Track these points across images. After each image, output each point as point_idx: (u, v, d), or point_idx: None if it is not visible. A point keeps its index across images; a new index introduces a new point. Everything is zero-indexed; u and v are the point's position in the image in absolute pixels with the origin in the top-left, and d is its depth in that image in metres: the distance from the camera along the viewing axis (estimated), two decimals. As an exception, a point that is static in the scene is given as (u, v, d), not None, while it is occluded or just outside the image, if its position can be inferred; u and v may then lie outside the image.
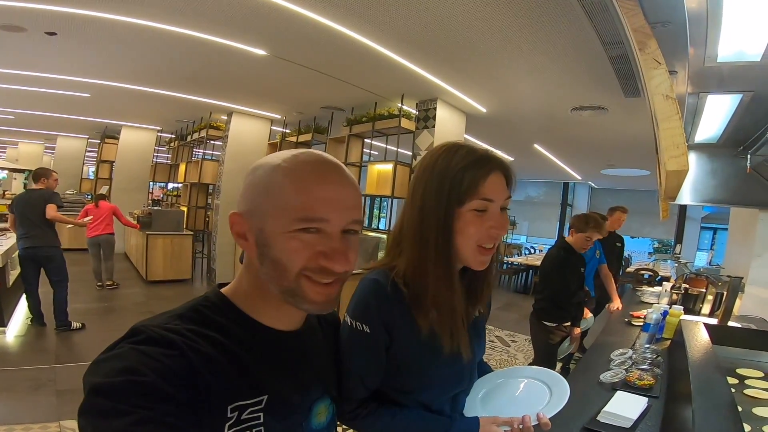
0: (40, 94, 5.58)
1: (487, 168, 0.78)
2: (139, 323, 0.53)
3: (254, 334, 0.61)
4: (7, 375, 2.91)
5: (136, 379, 0.45)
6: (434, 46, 3.07)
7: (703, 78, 1.33)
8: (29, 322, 3.93)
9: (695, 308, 2.65)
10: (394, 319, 0.80)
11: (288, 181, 0.56)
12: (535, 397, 0.87)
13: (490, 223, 0.77)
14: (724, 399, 1.07)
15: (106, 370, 0.46)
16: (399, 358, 0.82)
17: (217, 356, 0.54)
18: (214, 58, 3.72)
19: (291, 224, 0.56)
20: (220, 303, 0.61)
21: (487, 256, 0.80)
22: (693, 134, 2.24)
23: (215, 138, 6.58)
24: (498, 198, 0.78)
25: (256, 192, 0.58)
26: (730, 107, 1.80)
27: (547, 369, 0.97)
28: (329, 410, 0.71)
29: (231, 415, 0.53)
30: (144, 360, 0.47)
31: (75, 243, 7.99)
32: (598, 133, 5.26)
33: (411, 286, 0.80)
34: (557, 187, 12.04)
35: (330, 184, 0.58)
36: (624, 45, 1.16)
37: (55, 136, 9.67)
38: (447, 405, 0.89)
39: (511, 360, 4.18)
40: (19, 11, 2.97)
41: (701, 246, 10.26)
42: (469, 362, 0.89)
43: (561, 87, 3.68)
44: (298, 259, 0.56)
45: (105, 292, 5.42)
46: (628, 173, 7.94)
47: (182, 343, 0.51)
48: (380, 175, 4.90)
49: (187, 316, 0.57)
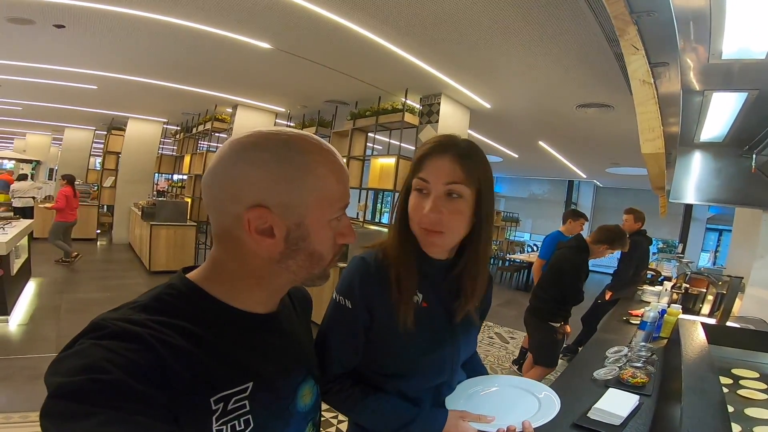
0: (48, 86, 5.63)
1: (431, 148, 0.80)
2: (99, 317, 0.49)
3: (229, 320, 0.58)
4: (7, 364, 2.95)
5: (100, 377, 0.42)
6: (439, 41, 3.05)
7: (707, 75, 1.30)
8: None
9: (695, 308, 2.63)
10: (375, 298, 0.81)
11: (329, 173, 0.58)
12: (522, 409, 0.86)
13: (425, 205, 0.78)
14: (714, 398, 1.06)
15: (66, 369, 0.43)
16: (379, 339, 0.83)
17: (188, 347, 0.50)
18: (219, 51, 3.73)
19: (334, 213, 0.59)
20: (187, 290, 0.57)
21: (431, 239, 0.79)
22: (698, 133, 2.21)
23: (220, 130, 6.62)
24: (435, 180, 0.77)
25: (296, 185, 0.55)
26: (735, 106, 1.77)
27: (543, 385, 0.95)
28: (314, 391, 0.70)
29: (216, 407, 0.51)
30: (107, 356, 0.44)
31: (80, 233, 8.09)
32: (603, 131, 5.20)
33: (388, 258, 0.84)
34: (562, 185, 11.98)
35: (346, 171, 0.62)
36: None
37: (62, 128, 9.75)
38: (428, 395, 0.88)
39: (510, 357, 4.18)
40: (28, 4, 2.99)
41: (706, 247, 10.17)
42: (452, 354, 0.89)
43: (566, 84, 3.64)
44: (331, 245, 0.61)
45: (108, 282, 5.48)
46: (633, 172, 7.88)
47: (148, 336, 0.48)
48: (383, 169, 4.90)
49: (152, 306, 0.53)
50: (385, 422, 0.84)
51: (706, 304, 2.59)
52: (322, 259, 0.60)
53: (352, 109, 5.21)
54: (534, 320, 2.89)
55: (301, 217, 0.56)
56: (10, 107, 7.54)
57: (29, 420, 2.26)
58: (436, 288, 0.87)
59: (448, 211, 0.77)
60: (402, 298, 0.80)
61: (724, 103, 1.75)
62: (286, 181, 0.55)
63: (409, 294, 0.81)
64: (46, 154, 12.31)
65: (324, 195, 0.57)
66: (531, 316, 2.92)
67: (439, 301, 0.87)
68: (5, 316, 3.65)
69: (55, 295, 4.55)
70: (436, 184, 0.77)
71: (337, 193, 0.59)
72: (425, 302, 0.84)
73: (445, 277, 0.87)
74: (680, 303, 2.60)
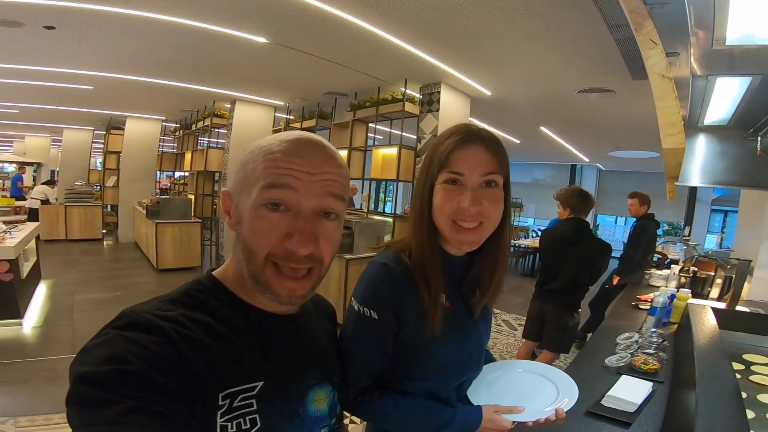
0: (43, 88, 5.59)
1: (457, 139, 0.75)
2: (128, 308, 0.51)
3: (247, 317, 0.59)
4: (25, 366, 2.98)
5: (124, 368, 0.43)
6: (437, 29, 3.01)
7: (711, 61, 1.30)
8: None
9: (703, 292, 2.64)
10: (403, 305, 0.78)
11: (261, 156, 0.56)
12: (544, 396, 0.88)
13: (461, 197, 0.74)
14: (728, 385, 1.08)
15: (92, 359, 0.45)
16: (408, 345, 0.80)
17: (207, 342, 0.52)
18: (215, 47, 3.69)
19: (258, 196, 0.53)
20: (211, 286, 0.59)
21: (469, 236, 0.75)
22: (702, 116, 2.20)
23: (219, 126, 6.59)
24: (470, 171, 0.74)
25: (237, 169, 0.59)
26: (740, 90, 1.76)
27: (562, 372, 0.96)
28: (330, 397, 0.68)
29: (222, 403, 0.51)
30: (131, 347, 0.45)
31: (86, 233, 8.13)
32: (605, 116, 5.16)
33: (413, 261, 0.80)
34: (565, 170, 11.92)
35: (301, 157, 0.55)
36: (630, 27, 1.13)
37: (60, 129, 9.71)
38: (453, 393, 0.88)
39: (518, 344, 4.20)
40: (16, 6, 2.95)
41: (711, 229, 10.12)
42: (477, 350, 0.89)
43: (567, 70, 3.60)
44: (265, 242, 0.54)
45: (118, 281, 5.52)
46: (636, 155, 7.82)
47: (170, 329, 0.49)
48: (385, 159, 4.89)
49: (179, 300, 0.55)
50: (422, 427, 0.83)
51: (714, 287, 2.60)
52: (252, 253, 0.54)
53: (351, 101, 5.18)
54: (561, 313, 2.84)
55: (238, 199, 0.57)
56: (6, 110, 7.51)
57: (53, 422, 2.29)
58: (456, 286, 0.86)
59: (488, 201, 0.74)
60: (432, 302, 0.78)
61: (728, 87, 1.73)
62: (238, 167, 0.59)
63: (438, 298, 0.79)
64: (46, 156, 12.28)
65: (248, 176, 0.56)
66: (559, 312, 2.86)
67: (460, 298, 0.86)
68: (19, 319, 3.68)
69: (66, 296, 4.59)
70: (471, 176, 0.74)
71: (263, 172, 0.54)
72: (448, 302, 0.82)
73: (465, 274, 0.86)
74: (689, 287, 2.61)
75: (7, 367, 2.95)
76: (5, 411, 2.40)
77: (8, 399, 2.55)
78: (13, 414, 2.37)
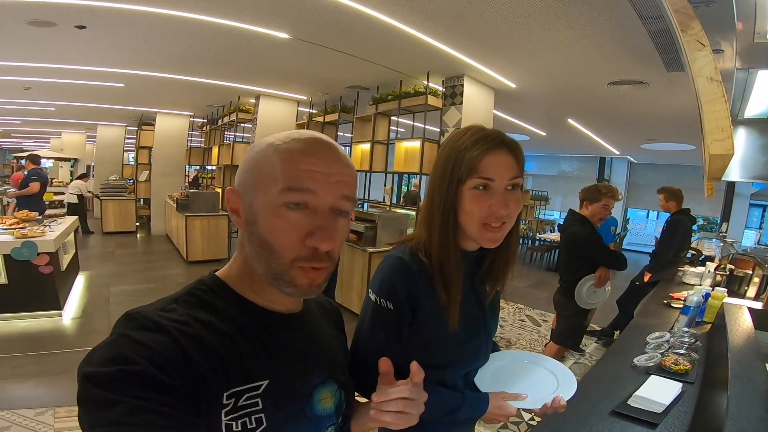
0: (77, 86, 5.82)
1: (485, 147, 0.79)
2: (133, 309, 0.52)
3: (251, 316, 0.59)
4: (65, 357, 3.06)
5: (128, 368, 0.44)
6: (459, 21, 2.97)
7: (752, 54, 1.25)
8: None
9: (740, 291, 2.54)
10: (418, 297, 0.82)
11: (276, 155, 0.56)
12: (546, 385, 0.92)
13: (491, 202, 0.78)
14: (762, 387, 1.04)
15: (98, 359, 0.46)
16: (421, 334, 0.84)
17: (211, 341, 0.52)
18: (239, 43, 3.76)
19: (277, 197, 0.54)
20: (214, 286, 0.60)
21: (496, 233, 0.80)
22: (743, 110, 2.12)
23: (245, 121, 6.74)
24: (499, 176, 0.78)
25: (247, 167, 0.59)
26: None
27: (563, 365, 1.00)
28: (336, 396, 0.68)
29: (227, 402, 0.51)
30: (135, 348, 0.46)
31: (121, 226, 8.49)
32: (637, 108, 4.97)
33: (430, 258, 0.84)
34: (593, 162, 11.56)
35: (317, 158, 0.56)
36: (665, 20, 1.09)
37: (95, 125, 10.13)
38: (460, 380, 0.93)
39: (542, 340, 4.15)
40: (47, 6, 3.06)
41: (750, 224, 9.63)
42: (486, 340, 0.94)
43: (596, 61, 3.49)
44: (287, 241, 0.55)
45: (150, 273, 5.75)
46: (671, 148, 7.51)
47: (174, 329, 0.50)
48: (408, 152, 4.89)
49: (183, 299, 0.56)
50: (432, 411, 0.84)
51: (752, 286, 2.49)
52: (274, 252, 0.55)
53: (373, 94, 5.18)
54: (564, 300, 2.88)
55: (252, 198, 0.57)
56: (43, 108, 7.86)
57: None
58: (469, 278, 0.90)
59: (513, 203, 0.80)
60: (451, 300, 0.82)
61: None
62: (245, 163, 0.59)
63: (457, 297, 0.83)
64: (82, 152, 12.84)
65: (265, 176, 0.56)
66: (562, 296, 2.90)
67: (471, 290, 0.90)
68: (59, 310, 3.83)
69: (103, 288, 4.79)
70: (501, 181, 0.79)
71: (282, 174, 0.55)
72: (459, 295, 0.86)
73: (477, 268, 0.90)
74: (724, 285, 2.51)
75: (47, 358, 3.03)
76: (45, 402, 2.45)
77: (48, 390, 2.60)
78: (53, 405, 2.42)
